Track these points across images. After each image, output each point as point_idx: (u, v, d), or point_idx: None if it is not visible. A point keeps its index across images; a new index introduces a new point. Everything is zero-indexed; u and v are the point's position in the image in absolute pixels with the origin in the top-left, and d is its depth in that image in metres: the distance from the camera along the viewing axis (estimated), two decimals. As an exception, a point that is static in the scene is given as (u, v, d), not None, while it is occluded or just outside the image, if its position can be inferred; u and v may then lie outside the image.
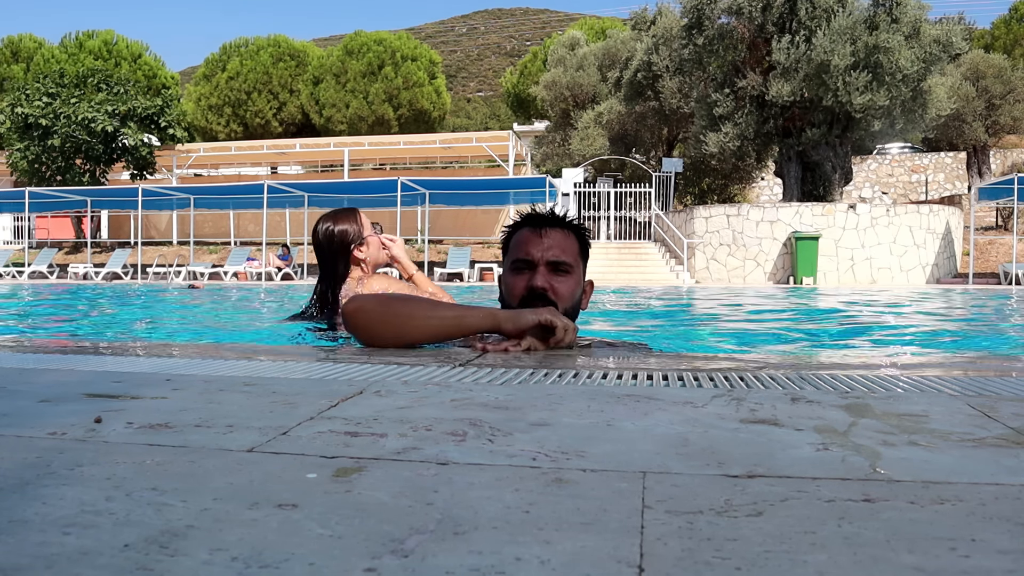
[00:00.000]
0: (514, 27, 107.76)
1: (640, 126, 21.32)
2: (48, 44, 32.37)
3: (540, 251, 1.92)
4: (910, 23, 15.14)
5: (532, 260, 1.92)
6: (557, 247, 1.93)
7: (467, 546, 0.53)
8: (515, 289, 1.94)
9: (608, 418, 0.98)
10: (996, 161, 23.69)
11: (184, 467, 0.74)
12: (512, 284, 1.96)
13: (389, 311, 1.82)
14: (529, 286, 1.90)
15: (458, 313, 1.77)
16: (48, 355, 1.76)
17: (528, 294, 1.90)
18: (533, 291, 1.89)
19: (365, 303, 1.84)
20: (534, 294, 1.88)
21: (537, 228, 1.95)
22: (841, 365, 1.61)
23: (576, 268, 1.96)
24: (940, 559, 0.51)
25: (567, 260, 1.93)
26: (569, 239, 1.97)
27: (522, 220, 2.02)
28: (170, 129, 24.00)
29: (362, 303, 1.83)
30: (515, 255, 1.97)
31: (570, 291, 1.93)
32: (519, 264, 1.95)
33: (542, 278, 1.89)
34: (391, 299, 1.89)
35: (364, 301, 1.85)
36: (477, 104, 75.54)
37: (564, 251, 1.93)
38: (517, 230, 2.02)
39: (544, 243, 1.93)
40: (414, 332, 1.78)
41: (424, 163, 27.92)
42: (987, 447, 0.84)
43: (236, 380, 1.30)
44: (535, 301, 1.87)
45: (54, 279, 17.98)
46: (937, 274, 15.59)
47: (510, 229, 2.06)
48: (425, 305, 1.82)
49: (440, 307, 1.82)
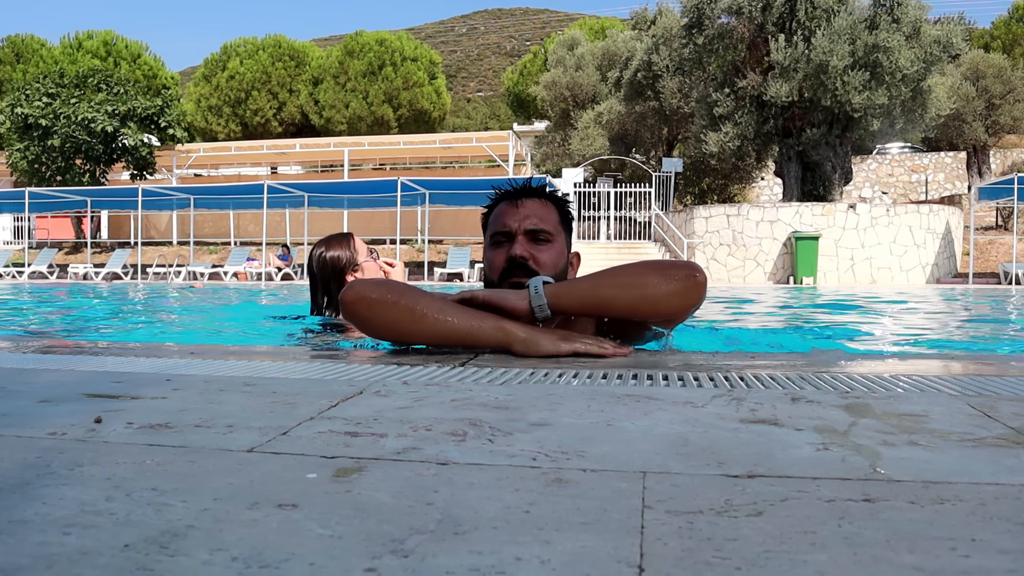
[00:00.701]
0: (514, 27, 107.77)
1: (640, 126, 21.33)
2: (49, 44, 32.39)
3: (517, 221, 1.85)
4: (910, 23, 15.14)
5: (510, 231, 1.85)
6: (535, 216, 1.85)
7: (467, 546, 0.53)
8: (495, 262, 1.86)
9: (608, 418, 0.98)
10: (996, 161, 23.69)
11: (184, 467, 0.74)
12: (492, 258, 1.88)
13: (398, 305, 1.63)
14: (509, 256, 1.82)
15: (470, 324, 1.63)
16: (48, 355, 1.76)
17: (508, 265, 1.81)
18: (513, 261, 1.80)
19: (369, 292, 1.66)
20: (514, 264, 1.80)
21: (513, 200, 1.89)
22: (841, 365, 1.61)
23: (557, 237, 1.88)
24: (940, 559, 0.51)
25: (546, 228, 1.85)
26: (547, 208, 1.90)
27: (498, 196, 1.96)
28: (170, 129, 24.01)
29: (365, 291, 1.66)
30: (493, 229, 1.90)
31: (552, 260, 1.84)
32: (498, 237, 1.88)
33: (521, 247, 1.81)
34: (401, 291, 1.67)
35: (368, 290, 1.67)
36: (477, 104, 75.55)
37: (542, 219, 1.86)
38: (495, 207, 1.95)
39: (521, 212, 1.86)
40: (419, 334, 1.66)
41: (424, 163, 27.92)
42: (987, 447, 0.84)
43: (236, 380, 1.30)
44: (516, 271, 1.79)
45: (54, 279, 17.98)
46: (937, 274, 15.59)
47: (488, 208, 1.98)
48: (436, 305, 1.65)
49: (450, 310, 1.65)
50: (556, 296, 1.63)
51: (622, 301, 1.64)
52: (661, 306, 1.63)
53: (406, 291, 1.68)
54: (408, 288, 1.70)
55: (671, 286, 1.61)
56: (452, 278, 16.67)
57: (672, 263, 1.65)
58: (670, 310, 1.64)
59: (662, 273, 1.62)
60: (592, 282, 1.65)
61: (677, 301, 1.63)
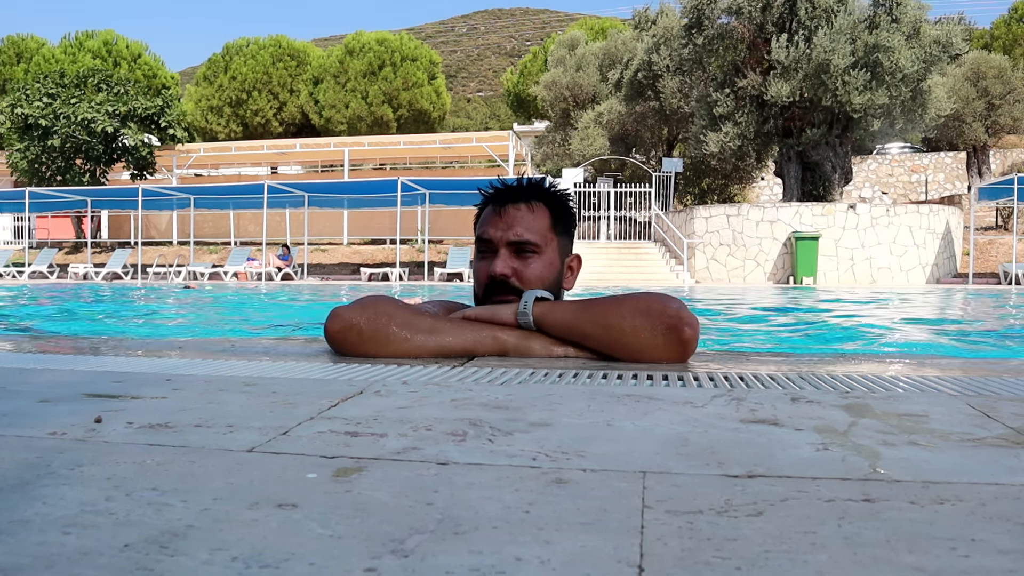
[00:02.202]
0: (514, 27, 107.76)
1: (640, 126, 21.33)
2: (49, 44, 32.40)
3: (500, 231, 1.69)
4: (910, 23, 15.14)
5: (493, 241, 1.70)
6: (519, 225, 1.68)
7: (467, 546, 0.53)
8: (479, 275, 1.73)
9: (608, 418, 0.98)
10: (996, 161, 23.68)
11: (184, 467, 0.74)
12: (477, 270, 1.75)
13: (383, 333, 1.57)
14: (489, 273, 1.68)
15: (464, 338, 1.60)
16: (48, 355, 1.76)
17: (490, 282, 1.68)
18: (493, 279, 1.67)
19: (355, 320, 1.58)
20: (495, 281, 1.67)
21: (497, 206, 1.73)
22: (841, 365, 1.61)
23: (546, 246, 1.71)
24: (940, 559, 0.51)
25: (531, 239, 1.68)
26: (535, 214, 1.71)
27: (485, 198, 1.80)
28: (170, 129, 24.01)
29: (351, 321, 1.59)
30: (478, 234, 1.76)
31: (538, 274, 1.69)
32: (481, 246, 1.74)
33: (502, 263, 1.67)
34: (387, 318, 1.59)
35: (353, 318, 1.59)
36: (477, 104, 75.53)
37: (528, 229, 1.69)
38: (487, 206, 1.80)
39: (503, 221, 1.69)
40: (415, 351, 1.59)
41: (424, 163, 27.92)
42: (987, 447, 0.84)
43: (236, 380, 1.30)
44: (498, 289, 1.67)
45: (54, 279, 17.97)
46: (937, 274, 15.59)
47: (481, 205, 1.83)
48: (425, 325, 1.60)
49: (440, 329, 1.60)
50: (542, 319, 1.60)
51: (599, 341, 1.57)
52: (638, 356, 1.54)
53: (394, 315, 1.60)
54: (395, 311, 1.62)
55: (653, 339, 1.51)
56: (452, 278, 16.67)
57: (663, 310, 1.52)
58: (647, 360, 1.54)
59: (649, 320, 1.52)
60: (576, 315, 1.58)
61: (656, 355, 1.53)
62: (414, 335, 1.59)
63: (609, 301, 1.58)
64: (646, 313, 1.53)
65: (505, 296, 1.67)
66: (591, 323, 1.56)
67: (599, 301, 1.60)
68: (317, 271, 19.98)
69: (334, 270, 20.38)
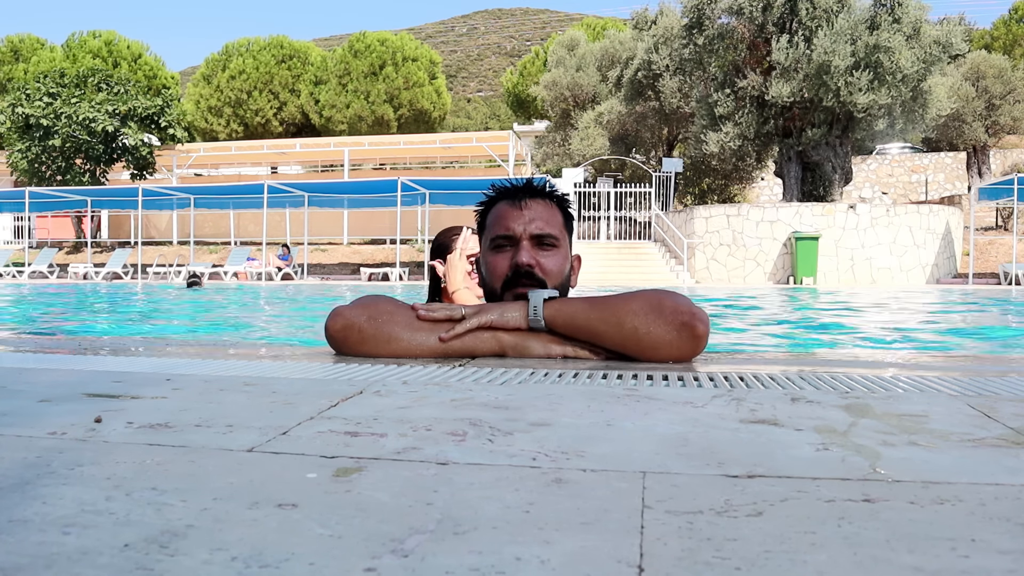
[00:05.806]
0: (514, 27, 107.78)
1: (640, 126, 21.33)
2: (49, 44, 32.41)
3: (522, 224, 1.73)
4: (911, 23, 15.14)
5: (514, 235, 1.73)
6: (540, 219, 1.74)
7: (467, 546, 0.53)
8: (497, 269, 1.75)
9: (608, 418, 0.98)
10: (996, 161, 23.69)
11: (184, 467, 0.74)
12: (494, 265, 1.76)
13: (384, 332, 1.59)
14: (514, 264, 1.71)
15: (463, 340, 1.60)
16: (48, 355, 1.76)
17: (513, 273, 1.71)
18: (518, 269, 1.69)
19: (356, 319, 1.61)
20: (519, 272, 1.69)
21: (516, 201, 1.76)
22: (841, 365, 1.61)
23: (562, 242, 1.77)
24: (940, 559, 0.51)
25: (552, 233, 1.74)
26: (552, 210, 1.78)
27: (498, 193, 1.82)
28: (170, 129, 24.03)
29: (352, 319, 1.61)
30: (494, 232, 1.77)
31: (558, 266, 1.74)
32: (499, 241, 1.75)
33: (527, 254, 1.70)
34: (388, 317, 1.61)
35: (354, 317, 1.61)
36: (477, 104, 75.53)
37: (548, 223, 1.74)
38: (493, 205, 1.82)
39: (525, 216, 1.74)
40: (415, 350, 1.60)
41: (424, 163, 27.93)
42: (987, 447, 0.84)
43: (236, 380, 1.30)
44: (521, 280, 1.69)
45: (54, 279, 17.98)
46: (937, 274, 15.59)
47: (485, 205, 1.84)
48: (426, 325, 1.61)
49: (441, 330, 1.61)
50: (553, 320, 1.59)
51: (611, 340, 1.56)
52: (651, 353, 1.54)
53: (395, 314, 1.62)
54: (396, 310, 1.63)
55: (667, 335, 1.52)
56: (452, 278, 16.65)
57: (675, 306, 1.53)
58: (660, 358, 1.54)
59: (661, 317, 1.52)
60: (587, 313, 1.58)
61: (669, 352, 1.53)
62: (415, 334, 1.60)
63: (619, 299, 1.58)
64: (658, 310, 1.53)
65: (525, 288, 1.68)
66: (602, 321, 1.56)
67: (609, 299, 1.60)
68: (317, 271, 20.00)
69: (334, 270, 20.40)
